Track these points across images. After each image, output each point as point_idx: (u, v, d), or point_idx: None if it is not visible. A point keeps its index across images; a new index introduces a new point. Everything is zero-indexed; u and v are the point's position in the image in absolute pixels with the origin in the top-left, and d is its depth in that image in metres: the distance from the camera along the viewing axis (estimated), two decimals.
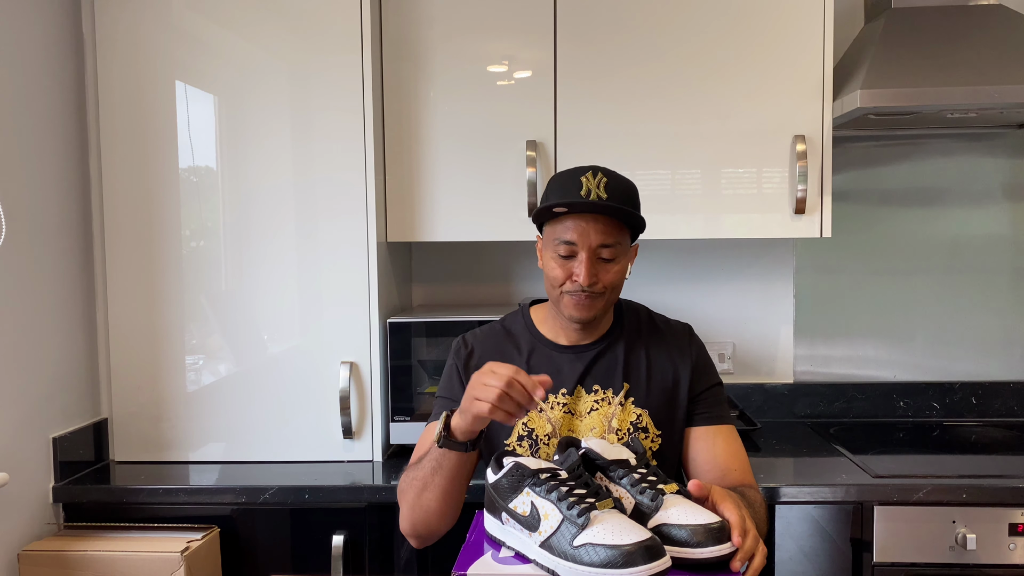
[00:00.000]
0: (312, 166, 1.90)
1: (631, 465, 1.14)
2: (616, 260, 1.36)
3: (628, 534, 0.98)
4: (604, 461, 1.15)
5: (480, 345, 1.50)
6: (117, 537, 1.72)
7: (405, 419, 1.96)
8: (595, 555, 0.98)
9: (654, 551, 0.97)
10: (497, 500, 1.12)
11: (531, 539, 1.06)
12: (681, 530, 1.04)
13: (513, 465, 1.10)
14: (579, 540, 1.00)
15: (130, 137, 1.91)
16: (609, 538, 0.98)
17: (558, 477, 1.08)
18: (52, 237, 1.84)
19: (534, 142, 1.97)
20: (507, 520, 1.10)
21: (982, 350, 2.31)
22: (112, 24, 1.89)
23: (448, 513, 1.35)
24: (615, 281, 1.37)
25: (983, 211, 2.29)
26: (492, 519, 1.14)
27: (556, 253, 1.36)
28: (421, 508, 1.33)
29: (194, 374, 1.94)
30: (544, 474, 1.08)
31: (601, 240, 1.33)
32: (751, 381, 2.33)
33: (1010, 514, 1.69)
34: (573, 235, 1.33)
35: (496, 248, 2.35)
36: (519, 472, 1.09)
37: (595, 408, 1.41)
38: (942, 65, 1.91)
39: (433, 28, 1.98)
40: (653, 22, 1.96)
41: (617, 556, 0.96)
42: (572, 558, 1.00)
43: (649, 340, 1.48)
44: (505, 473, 1.11)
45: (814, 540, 1.77)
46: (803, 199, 1.93)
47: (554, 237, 1.36)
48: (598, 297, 1.36)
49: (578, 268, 1.33)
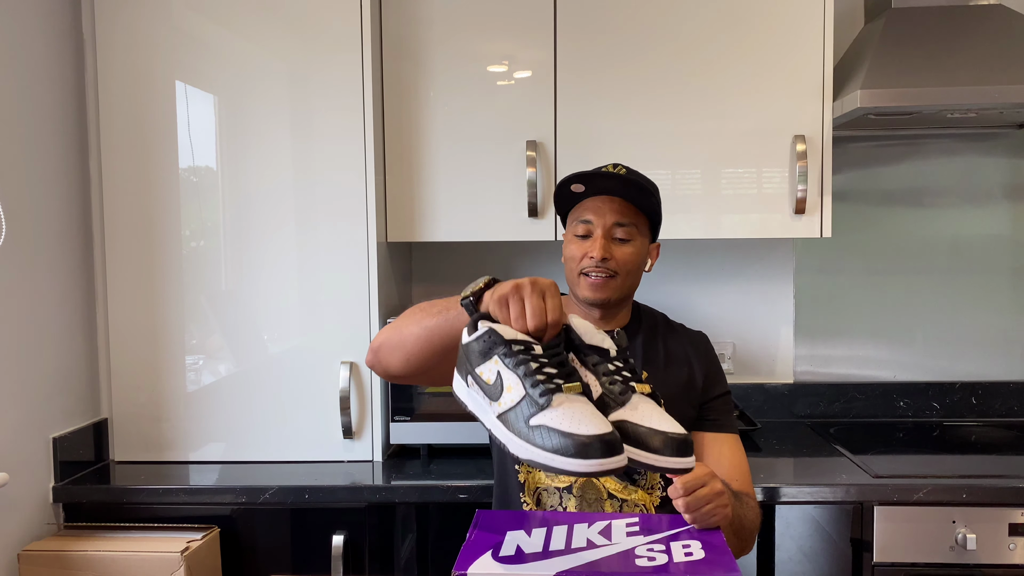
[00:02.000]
0: (312, 166, 1.90)
1: (609, 355, 1.07)
2: (631, 241, 1.42)
3: (587, 424, 0.92)
4: (580, 342, 1.07)
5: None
6: (117, 537, 1.72)
7: (405, 419, 1.96)
8: (548, 439, 0.93)
9: (611, 446, 0.91)
10: (466, 362, 1.05)
11: (490, 408, 1.01)
12: (642, 431, 0.98)
13: (488, 331, 1.04)
14: (535, 420, 0.95)
15: (130, 137, 1.91)
16: (566, 424, 0.93)
17: (531, 352, 1.01)
18: (52, 237, 1.85)
19: (534, 142, 1.97)
20: (472, 384, 1.04)
21: (982, 350, 2.31)
22: (112, 24, 1.89)
23: (412, 361, 1.23)
24: (628, 261, 1.41)
25: (983, 211, 2.29)
26: (459, 379, 1.08)
27: (574, 234, 1.44)
28: (399, 332, 1.23)
29: (194, 374, 1.94)
30: (517, 346, 1.02)
31: (616, 219, 1.40)
32: (751, 381, 2.33)
33: (1010, 514, 1.69)
34: (590, 214, 1.42)
35: (496, 248, 2.35)
36: (492, 338, 1.03)
37: None
38: (942, 65, 1.91)
39: (433, 28, 1.98)
40: (653, 22, 1.96)
41: (570, 445, 0.91)
42: (525, 437, 0.95)
43: (667, 336, 1.53)
44: (478, 336, 1.04)
45: (814, 540, 1.77)
46: (803, 199, 1.93)
47: (574, 219, 1.45)
48: (612, 277, 1.40)
49: (593, 243, 1.40)
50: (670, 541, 1.07)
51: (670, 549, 1.04)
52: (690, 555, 1.03)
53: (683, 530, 1.12)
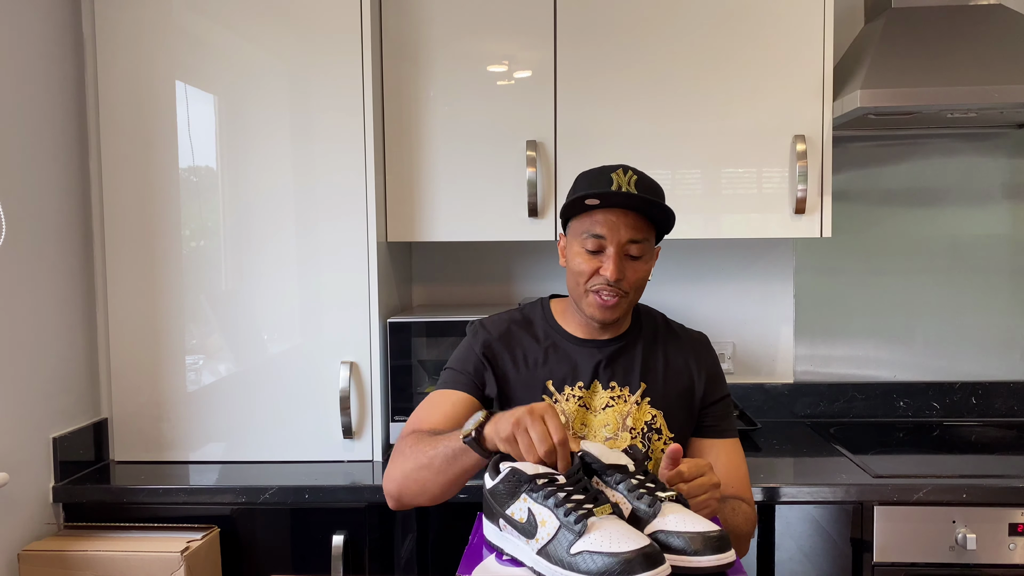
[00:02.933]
0: (312, 166, 1.90)
1: (628, 471, 1.12)
2: (643, 258, 1.35)
3: (626, 541, 0.96)
4: (600, 465, 1.12)
5: (498, 330, 1.46)
6: (117, 537, 1.72)
7: (405, 419, 1.95)
8: (593, 563, 0.96)
9: (653, 558, 0.95)
10: (494, 506, 1.10)
11: (528, 546, 1.04)
12: (679, 538, 1.02)
13: (510, 471, 1.08)
14: (576, 547, 0.98)
15: (130, 137, 1.91)
16: (607, 545, 0.96)
17: (556, 482, 1.06)
18: (52, 237, 1.84)
19: (534, 142, 1.97)
20: (504, 527, 1.08)
21: (982, 350, 2.31)
22: (112, 24, 1.89)
23: (439, 497, 1.30)
24: (640, 280, 1.36)
25: (983, 211, 2.29)
26: (491, 525, 1.12)
27: (583, 248, 1.34)
28: (416, 482, 1.28)
29: (194, 374, 1.94)
30: (541, 479, 1.06)
31: (631, 235, 1.32)
32: (751, 381, 2.33)
33: (1010, 514, 1.70)
34: (603, 228, 1.32)
35: (496, 248, 2.35)
36: (516, 477, 1.07)
37: (610, 404, 1.40)
38: (942, 65, 1.91)
39: (433, 28, 1.98)
40: (653, 22, 1.96)
41: (615, 564, 0.94)
42: (569, 566, 0.98)
43: (667, 343, 1.48)
44: (502, 479, 1.08)
45: (814, 540, 1.77)
46: (803, 199, 1.93)
47: (582, 231, 1.34)
48: (623, 297, 1.35)
49: (606, 262, 1.32)
50: None
51: None
52: None
53: None
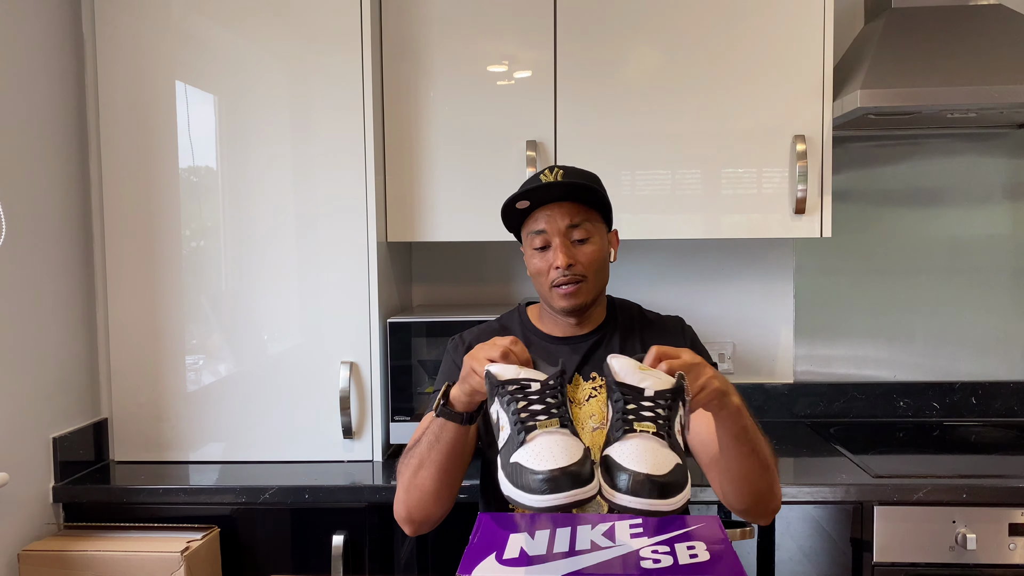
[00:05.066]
0: (312, 166, 1.89)
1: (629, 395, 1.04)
2: (590, 240, 1.39)
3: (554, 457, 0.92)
4: (611, 380, 1.07)
5: (477, 341, 1.48)
6: (117, 537, 1.72)
7: (405, 419, 1.96)
8: (518, 476, 0.94)
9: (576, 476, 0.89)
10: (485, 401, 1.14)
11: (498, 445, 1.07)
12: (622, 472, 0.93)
13: (487, 373, 1.11)
14: (514, 457, 0.97)
15: (130, 137, 1.90)
16: (532, 460, 0.94)
17: (525, 390, 1.05)
18: (52, 237, 1.84)
19: (534, 142, 1.97)
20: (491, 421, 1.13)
21: (982, 350, 2.31)
22: (112, 24, 1.89)
23: (444, 494, 1.32)
24: (593, 261, 1.39)
25: (983, 211, 2.30)
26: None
27: (532, 248, 1.41)
28: (417, 488, 1.31)
29: (194, 374, 1.94)
30: (511, 385, 1.07)
31: (569, 221, 1.37)
32: (751, 381, 2.33)
33: (1010, 514, 1.70)
34: (543, 223, 1.38)
35: (496, 248, 2.35)
36: (490, 380, 1.10)
37: (593, 395, 1.40)
38: (942, 65, 1.91)
39: (433, 28, 1.98)
40: (653, 22, 1.96)
41: (531, 480, 0.92)
42: (508, 475, 0.98)
43: (644, 330, 1.50)
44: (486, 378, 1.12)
45: (814, 540, 1.77)
46: (803, 199, 1.93)
47: (528, 233, 1.42)
48: (583, 281, 1.38)
49: (554, 253, 1.37)
50: (674, 542, 1.07)
51: (675, 550, 1.04)
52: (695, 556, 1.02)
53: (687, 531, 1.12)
